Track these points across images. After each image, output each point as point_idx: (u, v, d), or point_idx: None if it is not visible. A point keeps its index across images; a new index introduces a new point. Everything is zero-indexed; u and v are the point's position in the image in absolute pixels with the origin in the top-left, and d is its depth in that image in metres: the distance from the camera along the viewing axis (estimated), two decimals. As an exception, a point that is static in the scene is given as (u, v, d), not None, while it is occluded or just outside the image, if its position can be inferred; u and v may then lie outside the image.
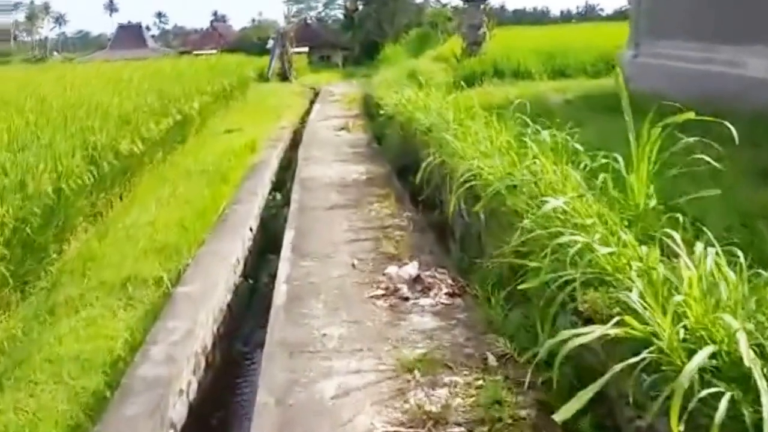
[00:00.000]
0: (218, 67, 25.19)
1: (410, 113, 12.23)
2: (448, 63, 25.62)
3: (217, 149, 14.62)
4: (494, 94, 15.59)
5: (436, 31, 44.32)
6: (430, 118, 10.77)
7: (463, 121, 9.55)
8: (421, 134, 10.57)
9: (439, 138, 9.14)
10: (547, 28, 42.74)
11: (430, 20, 49.48)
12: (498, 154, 7.32)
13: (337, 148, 14.52)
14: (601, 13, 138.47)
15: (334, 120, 19.43)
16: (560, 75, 18.68)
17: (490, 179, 6.68)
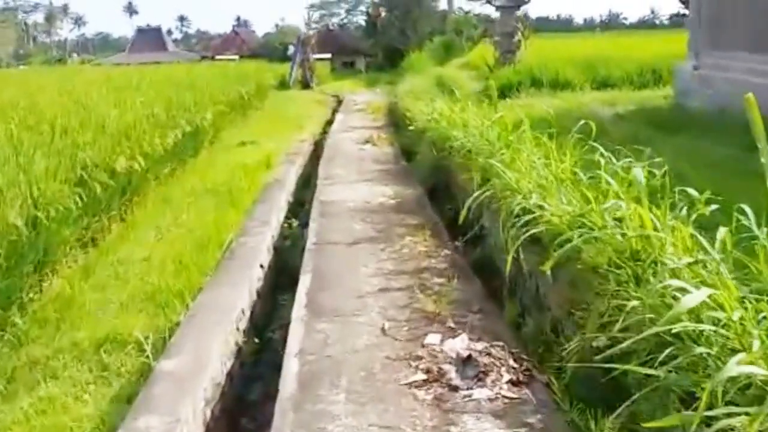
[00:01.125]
0: (236, 73, 23.91)
1: (444, 129, 10.86)
2: (477, 72, 24.23)
3: (230, 165, 13.29)
4: (535, 107, 14.15)
5: (460, 38, 43.01)
6: (470, 137, 9.39)
7: (511, 142, 8.15)
8: (460, 156, 9.16)
9: (484, 164, 7.73)
10: (581, 37, 41.12)
11: (454, 27, 48.21)
12: (562, 189, 5.90)
13: (362, 165, 13.14)
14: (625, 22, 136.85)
15: (358, 131, 18.05)
16: (603, 86, 17.19)
17: (556, 223, 5.28)
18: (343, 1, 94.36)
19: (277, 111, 22.41)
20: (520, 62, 18.54)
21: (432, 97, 19.15)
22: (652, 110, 13.03)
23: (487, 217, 7.30)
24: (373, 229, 8.66)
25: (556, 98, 15.87)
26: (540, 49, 20.12)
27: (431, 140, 11.35)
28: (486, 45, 41.13)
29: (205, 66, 28.85)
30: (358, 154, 14.46)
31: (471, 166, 8.58)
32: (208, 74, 22.89)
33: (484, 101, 14.90)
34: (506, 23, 19.03)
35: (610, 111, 13.63)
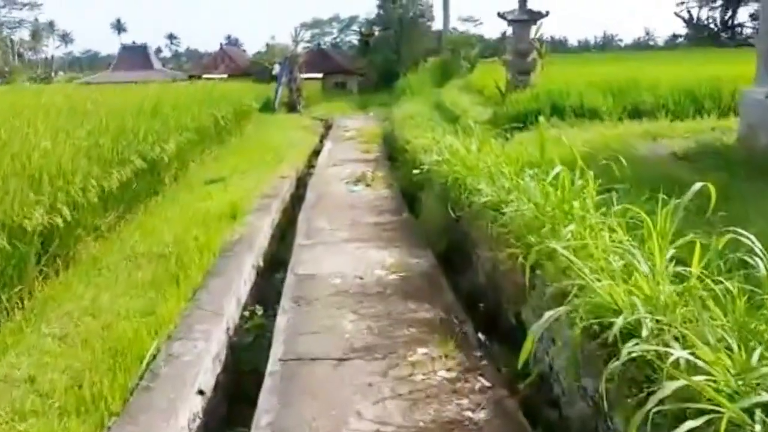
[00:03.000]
0: (214, 94, 21.15)
1: (460, 175, 8.18)
2: (482, 96, 21.58)
3: (189, 213, 10.51)
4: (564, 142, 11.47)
5: (457, 58, 40.58)
6: (502, 192, 6.71)
7: (571, 206, 5.54)
8: (490, 221, 6.47)
9: (540, 247, 5.03)
10: (584, 58, 38.62)
11: (451, 47, 45.80)
12: (670, 299, 3.33)
13: (353, 215, 10.41)
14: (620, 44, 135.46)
15: (349, 166, 15.33)
16: (634, 114, 14.53)
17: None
18: (336, 20, 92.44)
19: (259, 138, 19.63)
20: (535, 86, 15.89)
21: (433, 126, 16.52)
22: (716, 148, 10.37)
23: (555, 356, 4.59)
24: (369, 329, 5.92)
25: (585, 130, 13.19)
26: (556, 71, 17.44)
27: (443, 189, 8.64)
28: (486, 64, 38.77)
29: (182, 86, 26.05)
30: (348, 199, 11.73)
31: (510, 240, 5.89)
32: (182, 95, 20.14)
33: (498, 132, 12.30)
34: (521, 39, 16.35)
35: (660, 149, 10.95)
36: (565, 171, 5.56)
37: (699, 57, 31.20)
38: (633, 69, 21.24)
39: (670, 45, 75.46)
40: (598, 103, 14.60)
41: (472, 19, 61.30)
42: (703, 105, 14.55)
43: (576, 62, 30.15)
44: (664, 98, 14.88)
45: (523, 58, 16.25)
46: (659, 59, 32.46)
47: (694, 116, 14.24)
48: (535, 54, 16.34)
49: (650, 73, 17.73)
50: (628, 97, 15.06)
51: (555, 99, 14.62)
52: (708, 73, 17.03)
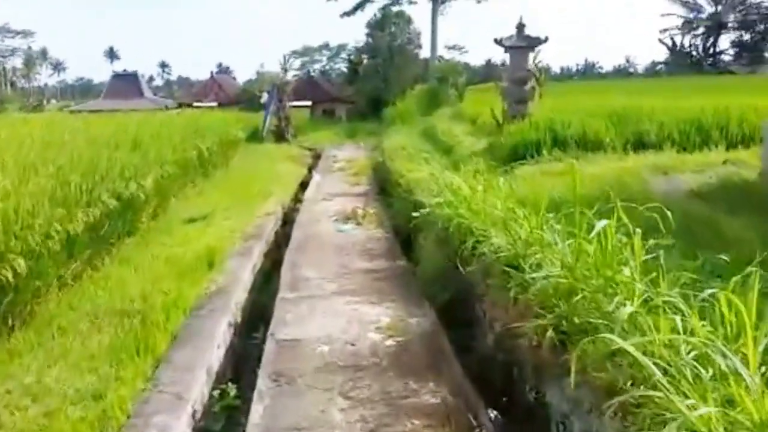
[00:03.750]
0: (200, 124, 19.95)
1: (464, 220, 7.05)
2: (474, 125, 20.52)
3: (162, 258, 9.30)
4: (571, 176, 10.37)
5: (445, 86, 39.67)
6: (522, 245, 5.59)
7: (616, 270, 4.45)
8: (511, 285, 5.32)
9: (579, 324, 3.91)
10: (586, 85, 37.65)
11: (439, 75, 44.96)
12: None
13: (344, 262, 9.23)
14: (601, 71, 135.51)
15: (338, 201, 14.18)
16: (639, 145, 13.46)
17: None
18: (325, 48, 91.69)
19: (245, 170, 18.42)
20: (533, 115, 14.81)
21: (426, 158, 15.40)
22: (737, 185, 9.30)
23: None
24: (364, 421, 4.72)
25: (590, 162, 12.10)
26: (548, 100, 16.33)
27: (445, 235, 7.47)
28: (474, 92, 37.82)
29: (167, 115, 24.80)
30: (337, 240, 10.55)
31: (532, 306, 4.78)
32: (166, 125, 18.96)
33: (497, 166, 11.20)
34: (518, 66, 15.27)
35: (675, 184, 9.86)
36: (610, 228, 4.39)
37: (689, 84, 30.46)
38: (629, 97, 20.29)
39: (651, 72, 75.11)
40: (601, 133, 13.52)
41: (457, 47, 60.66)
42: (710, 135, 13.50)
43: (564, 90, 29.13)
44: (669, 128, 13.83)
45: (521, 86, 15.17)
46: (650, 87, 31.66)
47: (701, 147, 13.19)
48: (533, 82, 15.27)
49: (649, 102, 16.72)
50: (630, 127, 14.00)
51: (556, 129, 13.53)
52: (705, 101, 16.06)
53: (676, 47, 63.51)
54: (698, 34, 62.38)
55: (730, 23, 60.73)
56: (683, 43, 63.34)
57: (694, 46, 63.13)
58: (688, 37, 63.05)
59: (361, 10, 48.65)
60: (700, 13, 62.10)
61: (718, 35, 61.14)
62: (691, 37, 62.97)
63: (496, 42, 15.33)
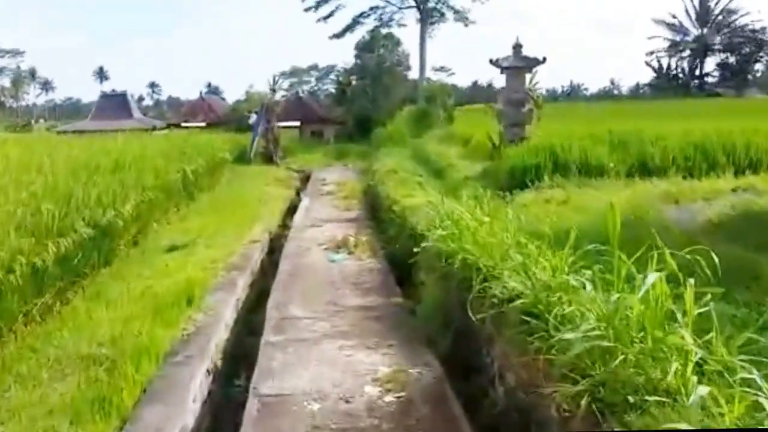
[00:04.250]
0: (185, 145, 19.16)
1: (471, 257, 6.30)
2: (466, 147, 19.86)
3: (136, 295, 8.47)
4: (579, 205, 9.64)
5: (435, 107, 39.20)
6: (543, 291, 4.84)
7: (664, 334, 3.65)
8: (535, 341, 4.55)
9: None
10: (582, 107, 37.05)
11: (427, 95, 44.47)
12: None
13: (335, 297, 8.42)
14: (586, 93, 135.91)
15: (328, 227, 13.40)
16: (643, 171, 12.81)
17: None
18: (314, 69, 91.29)
19: (231, 193, 17.58)
20: (530, 138, 14.12)
21: (420, 182, 14.68)
22: (756, 215, 8.60)
23: None
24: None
25: (596, 189, 11.42)
26: (545, 123, 15.62)
27: (449, 272, 6.68)
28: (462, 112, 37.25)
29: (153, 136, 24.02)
30: (328, 272, 9.75)
31: (562, 368, 4.01)
32: (150, 147, 18.17)
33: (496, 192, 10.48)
34: (515, 87, 14.57)
35: (690, 215, 9.16)
36: (662, 284, 3.64)
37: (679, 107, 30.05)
38: (625, 120, 19.72)
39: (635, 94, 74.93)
40: (603, 158, 12.85)
41: (444, 69, 60.26)
42: (716, 160, 12.86)
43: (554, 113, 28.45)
44: (673, 153, 13.18)
45: (518, 109, 14.47)
46: (640, 109, 31.20)
47: (707, 173, 12.53)
48: (530, 104, 14.59)
49: (648, 125, 16.10)
50: (632, 151, 13.34)
51: (556, 154, 12.83)
52: (704, 125, 15.50)
53: (663, 69, 63.40)
54: (684, 57, 62.39)
55: (716, 46, 60.72)
56: (670, 66, 63.30)
57: (681, 68, 63.10)
58: (674, 60, 63.05)
59: (350, 32, 48.21)
60: (686, 35, 62.13)
61: (705, 57, 61.10)
62: (677, 60, 62.99)
63: (492, 63, 14.67)
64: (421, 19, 46.68)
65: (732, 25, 59.89)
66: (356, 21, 48.22)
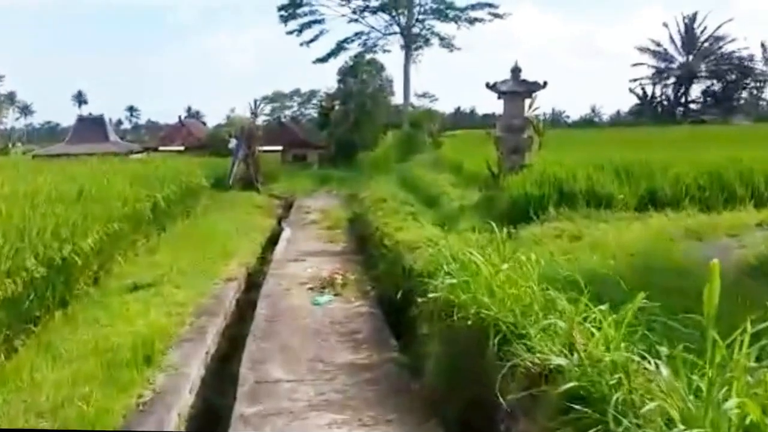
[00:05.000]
0: (159, 171, 17.95)
1: (488, 315, 5.20)
2: (460, 174, 18.80)
3: (89, 347, 7.25)
4: (597, 244, 8.55)
5: (420, 132, 38.43)
6: (594, 371, 3.66)
7: None
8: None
9: None
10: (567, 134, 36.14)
11: (413, 120, 43.70)
12: None
13: (321, 352, 7.23)
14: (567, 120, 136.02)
15: (312, 262, 12.24)
16: (652, 202, 11.82)
17: None
18: (297, 94, 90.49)
19: (207, 223, 16.30)
20: (531, 166, 13.09)
21: (413, 212, 13.58)
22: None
23: None
24: None
25: (605, 222, 10.38)
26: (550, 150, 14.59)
27: (460, 330, 5.54)
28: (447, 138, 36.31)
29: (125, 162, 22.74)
30: (312, 319, 8.56)
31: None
32: (120, 173, 16.96)
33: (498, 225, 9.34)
34: (514, 112, 13.55)
35: (720, 254, 8.09)
36: None
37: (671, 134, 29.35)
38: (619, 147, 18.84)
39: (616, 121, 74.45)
40: (612, 189, 11.81)
41: (428, 95, 59.52)
42: (733, 192, 11.88)
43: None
44: (685, 183, 12.18)
45: (517, 135, 13.44)
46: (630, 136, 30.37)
47: (724, 206, 11.55)
48: (530, 131, 13.58)
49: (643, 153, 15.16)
50: (641, 181, 12.33)
51: (561, 184, 11.77)
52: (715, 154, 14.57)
53: (647, 97, 63.10)
54: (669, 84, 62.10)
55: (702, 73, 60.51)
56: (654, 93, 63.02)
57: (666, 95, 62.79)
58: (659, 87, 62.78)
59: (334, 57, 47.43)
60: (671, 62, 61.87)
61: (690, 85, 60.87)
62: (662, 87, 62.68)
63: (489, 87, 13.66)
64: (405, 45, 45.96)
65: (718, 52, 59.75)
66: (340, 46, 47.47)
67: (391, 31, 46.96)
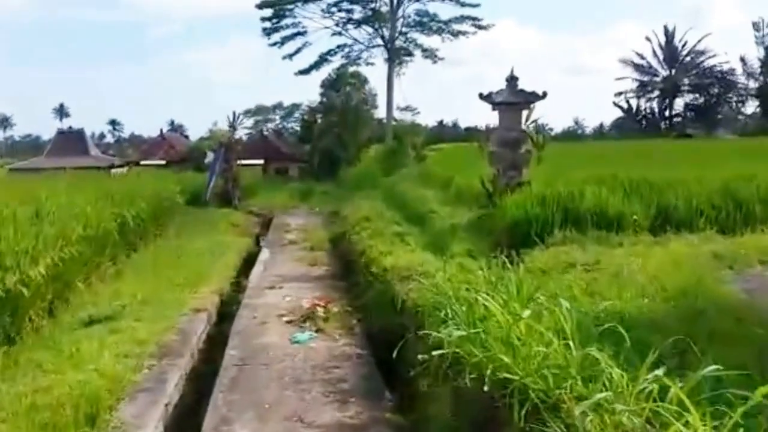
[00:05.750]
0: (130, 187, 16.68)
1: (506, 372, 4.01)
2: (448, 190, 17.71)
3: (25, 403, 6.01)
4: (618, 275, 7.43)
5: (404, 146, 37.46)
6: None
7: None
8: None
9: None
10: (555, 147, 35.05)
11: (396, 134, 42.71)
12: None
13: (300, 409, 6.05)
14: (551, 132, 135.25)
15: (291, 289, 11.06)
16: (667, 223, 10.77)
17: None
18: (279, 108, 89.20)
19: (180, 243, 14.99)
20: (528, 182, 12.00)
21: (400, 233, 12.45)
22: None
23: None
24: None
25: (618, 247, 9.28)
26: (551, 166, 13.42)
27: (471, 390, 4.40)
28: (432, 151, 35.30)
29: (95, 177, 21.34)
30: (290, 363, 7.34)
31: None
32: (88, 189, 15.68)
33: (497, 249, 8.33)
34: (510, 125, 12.44)
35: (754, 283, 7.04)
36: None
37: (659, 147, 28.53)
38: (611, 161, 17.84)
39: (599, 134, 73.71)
40: (622, 208, 10.72)
41: (410, 109, 58.39)
42: (751, 211, 10.84)
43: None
44: (697, 202, 11.13)
45: (514, 150, 12.33)
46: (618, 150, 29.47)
47: (743, 226, 10.51)
48: (529, 144, 12.48)
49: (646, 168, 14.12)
50: (650, 200, 11.27)
51: (566, 203, 10.65)
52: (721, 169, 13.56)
53: (632, 110, 62.42)
54: (653, 97, 61.48)
55: (685, 87, 59.95)
56: (639, 106, 62.36)
57: (650, 109, 62.18)
58: (643, 100, 62.12)
59: (316, 69, 46.17)
60: (655, 76, 61.25)
61: (674, 98, 60.25)
62: (645, 100, 62.04)
63: (482, 98, 12.57)
64: (388, 59, 44.88)
65: (700, 66, 59.21)
66: (323, 58, 46.17)
67: (375, 43, 45.87)
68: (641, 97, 61.88)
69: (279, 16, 44.42)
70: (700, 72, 59.30)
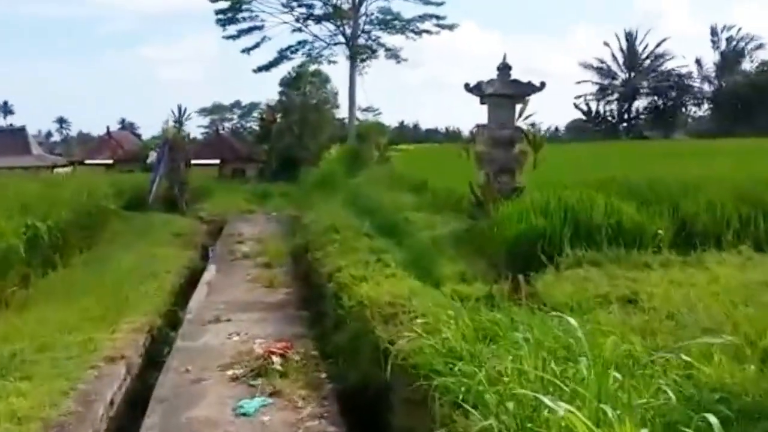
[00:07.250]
0: (51, 191, 14.13)
1: None
2: (422, 195, 15.61)
3: None
4: (673, 316, 5.39)
5: (368, 146, 35.61)
6: None
7: None
8: None
9: None
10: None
11: (360, 133, 40.78)
12: None
13: None
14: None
15: (240, 322, 8.73)
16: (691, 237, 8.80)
17: None
18: (237, 107, 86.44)
19: (107, 259, 12.35)
20: (523, 187, 9.94)
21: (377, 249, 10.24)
22: None
23: None
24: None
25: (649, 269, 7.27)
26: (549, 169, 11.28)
27: None
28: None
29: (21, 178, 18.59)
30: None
31: None
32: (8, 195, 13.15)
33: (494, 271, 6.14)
34: (502, 122, 10.32)
35: None
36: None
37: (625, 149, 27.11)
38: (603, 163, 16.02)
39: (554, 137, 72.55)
40: (642, 221, 8.70)
41: (371, 109, 56.30)
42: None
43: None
44: (723, 211, 9.19)
45: (507, 150, 10.22)
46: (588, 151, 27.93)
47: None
48: (523, 144, 10.43)
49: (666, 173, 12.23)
50: (665, 209, 9.29)
51: (576, 214, 8.56)
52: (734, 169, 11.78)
53: (592, 113, 61.46)
54: (612, 100, 60.65)
55: (644, 90, 59.25)
56: (599, 109, 61.47)
57: (609, 111, 61.33)
58: (602, 103, 61.28)
59: (276, 66, 43.71)
60: (614, 79, 60.46)
61: (633, 101, 59.56)
62: (605, 103, 61.16)
63: (469, 89, 10.46)
64: (350, 56, 42.69)
65: (658, 70, 58.58)
66: (283, 55, 43.66)
67: (336, 41, 43.63)
68: (601, 100, 61.10)
69: (235, 9, 41.87)
70: (658, 75, 58.75)
